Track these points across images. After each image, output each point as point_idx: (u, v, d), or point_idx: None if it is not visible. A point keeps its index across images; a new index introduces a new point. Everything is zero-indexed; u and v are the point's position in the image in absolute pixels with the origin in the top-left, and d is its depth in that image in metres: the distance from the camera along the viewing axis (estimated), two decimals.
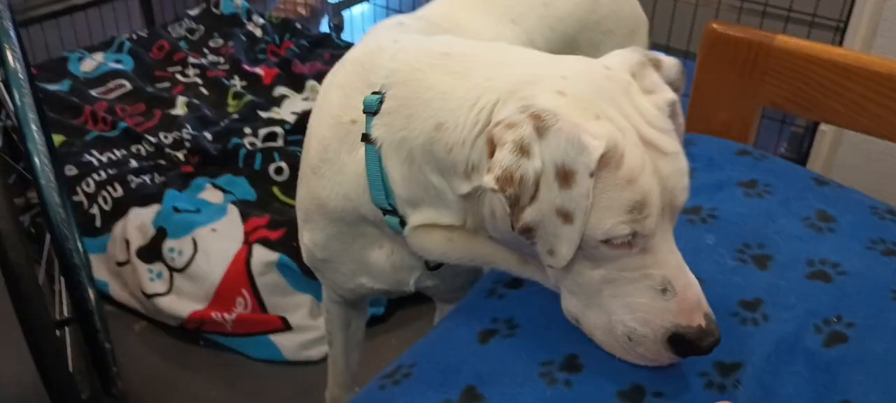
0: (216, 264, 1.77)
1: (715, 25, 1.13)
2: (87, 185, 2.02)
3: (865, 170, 1.57)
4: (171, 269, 1.80)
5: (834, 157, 1.70)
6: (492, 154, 0.69)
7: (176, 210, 1.90)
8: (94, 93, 2.50)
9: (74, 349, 1.31)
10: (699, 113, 1.19)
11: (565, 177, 0.67)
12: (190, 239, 1.82)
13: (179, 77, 2.63)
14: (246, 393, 1.65)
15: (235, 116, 2.37)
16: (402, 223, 0.86)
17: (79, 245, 1.22)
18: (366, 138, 0.83)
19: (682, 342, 0.73)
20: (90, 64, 2.65)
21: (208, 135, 2.25)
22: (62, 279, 1.40)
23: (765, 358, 0.82)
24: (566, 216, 0.68)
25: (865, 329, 0.84)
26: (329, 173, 0.90)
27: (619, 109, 0.72)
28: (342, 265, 0.99)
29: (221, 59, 2.74)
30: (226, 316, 1.73)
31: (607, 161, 0.68)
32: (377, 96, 0.83)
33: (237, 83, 2.57)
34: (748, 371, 0.80)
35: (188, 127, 2.28)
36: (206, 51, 2.81)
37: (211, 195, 2.01)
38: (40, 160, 1.16)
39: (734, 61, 1.12)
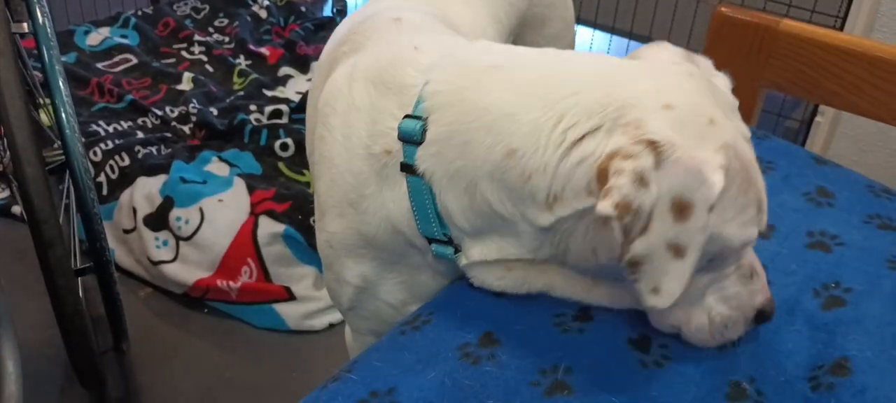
0: (222, 233, 1.81)
1: (723, 9, 1.17)
2: (95, 154, 2.04)
3: (859, 163, 1.62)
4: (178, 237, 1.83)
5: (828, 149, 1.76)
6: (603, 183, 0.65)
7: (183, 180, 1.93)
8: (100, 66, 2.53)
9: (88, 302, 1.34)
10: None
11: (681, 209, 0.63)
12: (197, 209, 1.85)
13: (185, 54, 2.66)
14: (248, 360, 1.68)
15: (241, 93, 2.40)
16: (456, 249, 0.81)
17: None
18: (408, 168, 0.76)
19: (761, 316, 0.77)
20: (96, 38, 2.67)
21: (214, 111, 2.29)
22: (75, 234, 1.43)
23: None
24: (678, 250, 0.65)
25: (862, 294, 0.88)
26: (372, 208, 0.82)
27: (718, 106, 0.69)
28: (390, 295, 0.91)
29: (227, 39, 2.77)
30: (231, 284, 1.76)
31: (731, 175, 0.66)
32: (416, 122, 0.75)
33: (242, 62, 2.60)
34: (749, 332, 0.85)
35: (194, 101, 2.31)
36: (211, 30, 2.83)
37: (217, 168, 2.04)
38: (66, 112, 1.19)
39: (740, 44, 1.16)
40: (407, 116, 0.76)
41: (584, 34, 2.49)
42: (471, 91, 0.73)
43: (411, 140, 0.75)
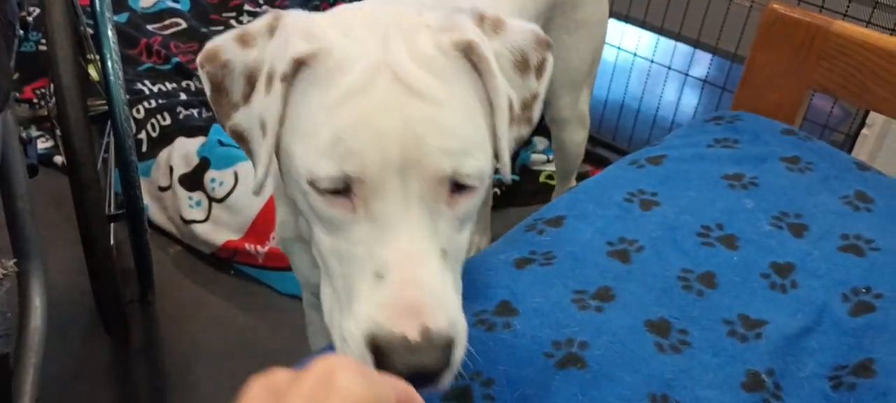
0: (255, 198, 1.82)
1: (775, 6, 1.15)
2: (137, 112, 2.08)
3: None
4: (211, 199, 1.85)
5: (873, 163, 1.70)
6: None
7: (221, 143, 1.95)
8: (150, 27, 2.57)
9: (119, 254, 1.36)
10: (750, 92, 1.21)
11: (269, 80, 0.59)
12: (232, 172, 1.87)
13: (234, 23, 2.69)
14: (270, 323, 1.69)
15: None
16: None
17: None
18: None
19: (383, 353, 0.54)
20: (149, 0, 2.72)
21: None
22: (111, 185, 1.46)
23: (790, 317, 0.84)
24: (263, 126, 0.60)
25: (893, 300, 0.85)
26: None
27: (384, 39, 0.60)
28: (306, 255, 0.87)
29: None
30: (258, 248, 1.78)
31: (320, 75, 0.58)
32: None
33: None
34: (772, 327, 0.83)
35: None
36: (261, 1, 2.86)
37: None
38: (112, 59, 1.21)
39: (791, 43, 1.14)
40: None
41: (631, 34, 2.46)
42: None
43: None
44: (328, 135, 0.57)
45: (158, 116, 2.06)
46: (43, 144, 2.07)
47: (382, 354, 0.54)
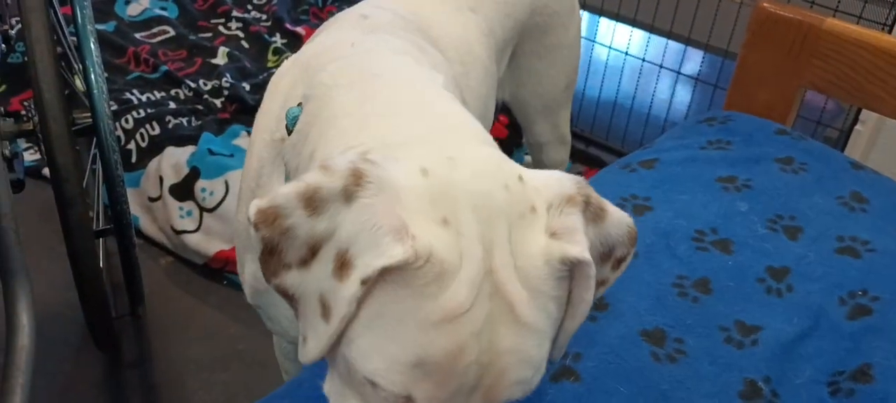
0: None
1: (765, 4, 1.13)
2: (126, 122, 2.06)
3: None
4: (202, 208, 1.84)
5: (867, 160, 1.70)
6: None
7: (210, 152, 1.93)
8: (138, 36, 2.55)
9: (109, 268, 1.35)
10: (742, 92, 1.20)
11: (342, 265, 0.50)
12: (222, 181, 1.85)
13: (222, 29, 2.67)
14: (263, 333, 1.65)
15: (274, 70, 2.39)
16: None
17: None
18: None
19: None
20: (136, 8, 2.70)
21: (246, 86, 2.29)
22: (100, 198, 1.44)
23: (787, 322, 0.83)
24: (325, 309, 0.52)
25: (890, 302, 0.85)
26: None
27: (487, 232, 0.52)
28: (285, 308, 0.82)
29: (264, 16, 2.78)
30: None
31: (412, 280, 0.50)
32: (298, 110, 0.69)
33: (278, 40, 2.61)
34: (768, 333, 0.82)
35: (227, 76, 2.32)
36: (249, 7, 2.84)
37: (245, 142, 2.04)
38: (95, 72, 1.19)
39: (782, 42, 1.12)
40: (299, 105, 0.70)
41: (622, 31, 2.45)
42: (337, 90, 0.65)
43: (290, 128, 0.69)
44: (411, 357, 0.51)
45: (147, 126, 2.04)
46: (31, 156, 2.05)
47: None
